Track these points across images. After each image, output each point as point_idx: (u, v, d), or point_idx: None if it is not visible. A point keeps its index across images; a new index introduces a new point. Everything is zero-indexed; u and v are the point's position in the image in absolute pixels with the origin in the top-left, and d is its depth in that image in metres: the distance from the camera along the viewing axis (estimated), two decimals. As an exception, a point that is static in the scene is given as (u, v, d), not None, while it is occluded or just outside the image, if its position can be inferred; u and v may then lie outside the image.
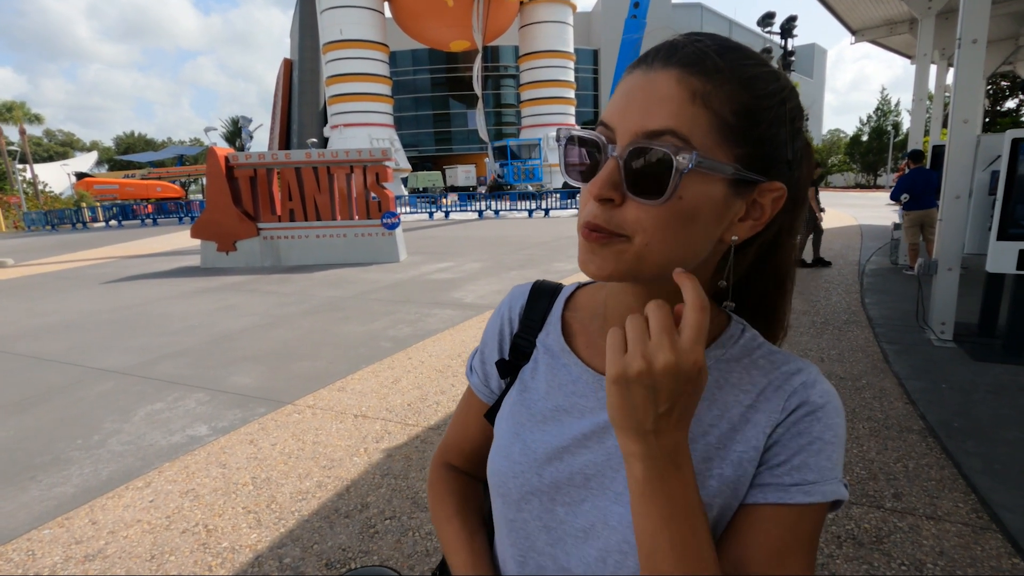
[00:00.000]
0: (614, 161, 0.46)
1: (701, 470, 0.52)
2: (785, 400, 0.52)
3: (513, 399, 0.64)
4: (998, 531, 2.24)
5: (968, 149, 4.55)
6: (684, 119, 0.44)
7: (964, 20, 4.30)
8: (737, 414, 0.53)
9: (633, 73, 0.48)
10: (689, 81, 0.45)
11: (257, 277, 9.47)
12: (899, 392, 3.69)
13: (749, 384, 0.54)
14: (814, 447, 0.50)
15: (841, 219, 16.12)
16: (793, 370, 0.54)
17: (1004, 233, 4.07)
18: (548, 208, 22.39)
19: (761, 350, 0.56)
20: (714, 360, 0.56)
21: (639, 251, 0.47)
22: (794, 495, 0.49)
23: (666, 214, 0.46)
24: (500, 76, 57.06)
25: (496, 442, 0.64)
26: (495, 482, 0.62)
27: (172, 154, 59.30)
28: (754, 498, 0.51)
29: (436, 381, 4.17)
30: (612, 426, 0.55)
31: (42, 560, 2.28)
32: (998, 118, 28.83)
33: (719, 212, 0.48)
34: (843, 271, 8.18)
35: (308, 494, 2.69)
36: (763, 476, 0.51)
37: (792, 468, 0.50)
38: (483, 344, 0.73)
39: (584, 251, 0.50)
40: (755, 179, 0.48)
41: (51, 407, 3.95)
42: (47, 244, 18.58)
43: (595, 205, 0.47)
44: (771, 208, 0.51)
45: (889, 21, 10.70)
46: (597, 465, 0.56)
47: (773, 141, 0.48)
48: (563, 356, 0.62)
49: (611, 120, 0.48)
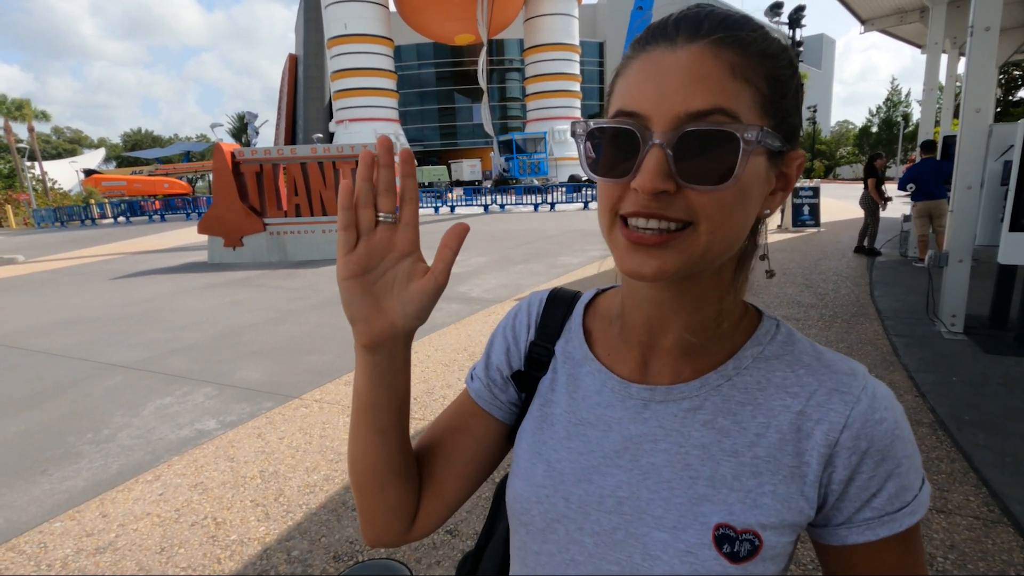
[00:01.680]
0: (659, 149, 0.42)
1: (752, 487, 0.47)
2: (848, 413, 0.47)
3: (533, 415, 0.59)
4: (1009, 524, 2.22)
5: (980, 139, 4.48)
6: (729, 95, 0.42)
7: (977, 7, 4.23)
8: (786, 422, 0.48)
9: (652, 52, 0.44)
10: (725, 55, 0.42)
11: (264, 272, 9.51)
12: (909, 385, 3.66)
13: (797, 386, 0.50)
14: (902, 468, 0.47)
15: (850, 211, 15.98)
16: (846, 371, 0.50)
17: (1017, 224, 4.02)
18: (554, 202, 22.33)
19: (802, 344, 0.52)
20: (752, 359, 0.52)
21: (706, 241, 0.44)
22: (903, 520, 0.47)
23: (728, 198, 0.43)
24: (505, 70, 56.84)
25: (515, 465, 0.58)
26: (517, 509, 0.56)
27: (179, 150, 59.57)
28: (863, 536, 0.48)
29: (442, 375, 4.18)
30: (645, 441, 0.52)
31: (54, 552, 2.31)
32: (1011, 108, 28.44)
33: (762, 188, 0.46)
34: (852, 263, 8.11)
35: (316, 487, 2.71)
36: (863, 512, 0.47)
37: (891, 497, 0.47)
38: (488, 351, 0.66)
39: (634, 254, 0.45)
40: (787, 148, 0.46)
41: (61, 402, 3.99)
42: (56, 241, 18.73)
43: (644, 200, 0.43)
44: (796, 175, 0.49)
45: (900, 9, 10.54)
46: (631, 486, 0.50)
47: (794, 110, 0.47)
48: (586, 364, 0.58)
49: (641, 107, 0.43)
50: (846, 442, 0.47)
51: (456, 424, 0.65)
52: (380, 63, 38.68)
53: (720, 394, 0.51)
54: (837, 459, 0.47)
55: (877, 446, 0.47)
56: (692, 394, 0.51)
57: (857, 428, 0.47)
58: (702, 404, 0.51)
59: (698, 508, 0.48)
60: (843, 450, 0.47)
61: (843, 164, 60.26)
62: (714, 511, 0.47)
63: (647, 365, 0.55)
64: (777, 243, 10.49)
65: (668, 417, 0.52)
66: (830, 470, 0.47)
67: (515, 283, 7.61)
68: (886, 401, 0.48)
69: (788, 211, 12.31)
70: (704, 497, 0.48)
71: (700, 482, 0.49)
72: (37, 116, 36.53)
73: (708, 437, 0.50)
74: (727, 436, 0.49)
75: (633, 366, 0.55)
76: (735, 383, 0.51)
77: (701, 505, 0.48)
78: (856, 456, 0.47)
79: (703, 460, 0.49)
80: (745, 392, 0.51)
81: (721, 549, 0.47)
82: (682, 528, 0.48)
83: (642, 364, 0.55)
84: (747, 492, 0.47)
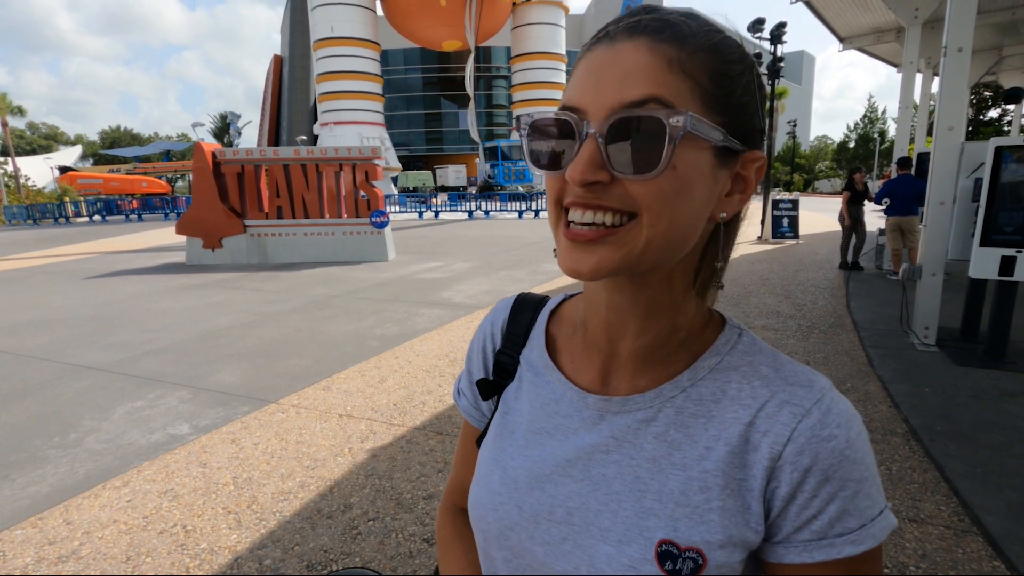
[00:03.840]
0: (592, 139, 0.42)
1: (699, 502, 0.46)
2: (795, 426, 0.45)
3: (496, 423, 0.59)
4: (979, 534, 2.26)
5: (952, 156, 4.61)
6: (665, 86, 0.41)
7: (950, 28, 4.36)
8: (735, 434, 0.47)
9: (594, 51, 0.44)
10: (662, 48, 0.42)
11: (243, 274, 9.36)
12: (883, 396, 3.72)
13: (750, 397, 0.48)
14: (847, 492, 0.44)
15: (827, 224, 16.30)
16: (803, 383, 0.47)
17: (987, 239, 4.12)
18: (539, 209, 22.40)
19: (762, 355, 0.51)
20: (708, 370, 0.50)
21: (647, 235, 0.43)
22: (843, 548, 0.44)
23: (664, 187, 0.42)
24: (492, 77, 57.09)
25: (477, 471, 0.58)
26: (474, 516, 0.57)
27: (158, 149, 58.60)
28: (799, 557, 0.45)
29: (423, 381, 4.14)
30: (597, 451, 0.51)
31: (13, 561, 2.22)
32: (981, 127, 29.37)
33: (709, 185, 0.45)
34: (830, 275, 8.26)
35: (290, 494, 2.65)
36: (802, 533, 0.45)
37: (832, 520, 0.44)
38: (468, 363, 0.67)
39: (572, 251, 0.44)
40: (739, 148, 0.45)
41: (28, 404, 3.86)
42: (28, 239, 18.24)
43: (579, 191, 0.43)
44: (755, 179, 0.48)
45: (877, 29, 10.85)
46: (582, 497, 0.50)
47: (747, 109, 0.45)
48: (547, 373, 0.57)
49: (579, 101, 0.43)
50: (788, 456, 0.45)
51: (468, 458, 0.68)
52: (366, 67, 38.52)
53: (674, 405, 0.50)
54: (780, 474, 0.45)
55: (821, 465, 0.44)
56: (646, 405, 0.51)
57: (802, 443, 0.45)
58: (655, 416, 0.50)
59: (644, 522, 0.47)
60: (786, 465, 0.45)
61: (821, 178, 61.53)
62: (659, 526, 0.46)
63: (608, 374, 0.54)
64: (756, 254, 10.64)
65: (622, 428, 0.51)
66: (773, 485, 0.46)
67: (498, 289, 7.60)
68: (840, 418, 0.45)
69: (768, 223, 12.52)
70: (650, 511, 0.47)
71: (648, 496, 0.48)
72: (12, 111, 35.61)
73: (659, 450, 0.49)
74: (677, 449, 0.48)
75: (594, 375, 0.55)
76: (689, 394, 0.50)
77: (647, 519, 0.47)
78: (798, 473, 0.44)
79: (652, 473, 0.48)
80: (699, 404, 0.49)
81: (663, 566, 0.45)
82: (627, 542, 0.47)
83: (603, 373, 0.54)
84: (694, 508, 0.46)
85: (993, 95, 28.76)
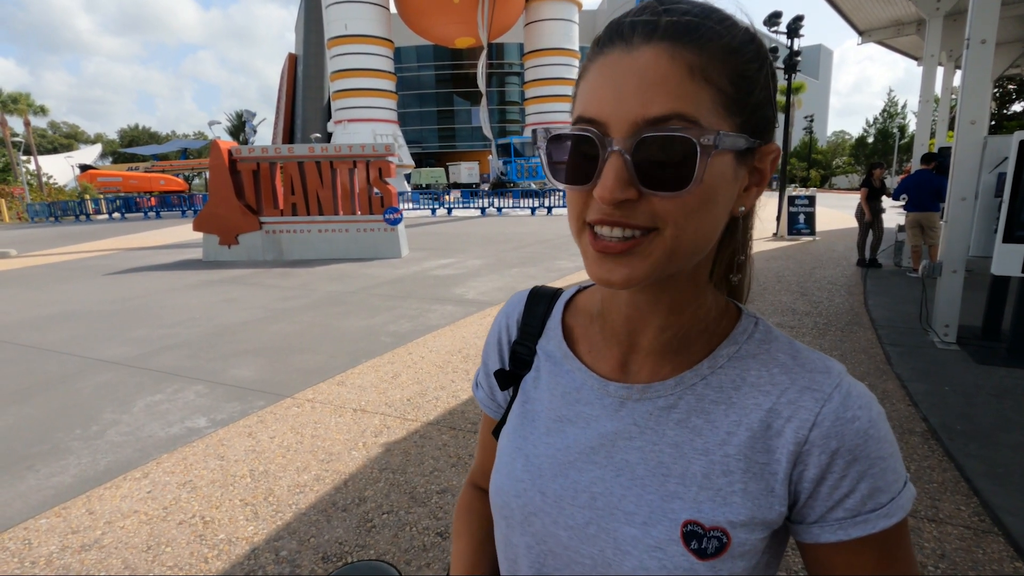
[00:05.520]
0: (618, 156, 0.41)
1: (722, 485, 0.48)
2: (819, 410, 0.47)
3: (516, 411, 0.61)
4: (1000, 534, 2.22)
5: (975, 151, 4.51)
6: (687, 99, 0.41)
7: (973, 20, 4.27)
8: (756, 419, 0.48)
9: (609, 55, 0.43)
10: (683, 55, 0.41)
11: (259, 271, 9.47)
12: (902, 394, 3.67)
13: (769, 384, 0.49)
14: (876, 469, 0.46)
15: (844, 220, 16.06)
16: (820, 369, 0.49)
17: (1010, 235, 4.04)
18: (551, 206, 22.35)
19: (779, 343, 0.52)
20: (727, 358, 0.52)
21: (671, 246, 0.43)
22: (877, 523, 0.46)
23: (692, 202, 0.42)
24: (505, 73, 56.96)
25: (498, 459, 0.60)
26: (497, 503, 0.58)
27: (176, 147, 59.34)
28: (836, 535, 0.47)
29: (436, 376, 4.16)
30: (620, 438, 0.52)
31: (38, 549, 2.28)
32: (1005, 121, 28.69)
33: (731, 187, 0.45)
34: (846, 272, 8.14)
35: (306, 487, 2.68)
36: (836, 511, 0.47)
37: (864, 498, 0.46)
38: (484, 356, 0.69)
39: (602, 262, 0.45)
40: (757, 144, 0.45)
41: (50, 397, 3.95)
42: (50, 235, 18.61)
43: (607, 209, 0.43)
44: (771, 170, 0.48)
45: (897, 22, 10.65)
46: (605, 482, 0.51)
47: (764, 104, 0.46)
48: (566, 362, 0.59)
49: (599, 113, 0.42)
50: (816, 440, 0.46)
51: (488, 444, 0.71)
52: (380, 64, 38.68)
53: (694, 393, 0.51)
54: (808, 457, 0.47)
55: (848, 445, 0.46)
56: (667, 392, 0.52)
57: (827, 426, 0.46)
58: (676, 403, 0.51)
59: (668, 505, 0.48)
60: (813, 448, 0.46)
61: (839, 174, 60.62)
62: (683, 508, 0.48)
63: (627, 363, 0.55)
64: (773, 251, 10.52)
65: (643, 415, 0.52)
66: (800, 468, 0.47)
67: (510, 286, 7.60)
68: (860, 400, 0.47)
69: (784, 219, 12.37)
70: (674, 494, 0.48)
71: (671, 480, 0.49)
72: (35, 110, 36.30)
73: (681, 435, 0.50)
74: (699, 435, 0.50)
75: (613, 364, 0.56)
76: (709, 382, 0.51)
77: (671, 502, 0.48)
78: (826, 455, 0.46)
79: (675, 458, 0.50)
80: (719, 391, 0.51)
81: (689, 546, 0.47)
82: (652, 524, 0.48)
83: (622, 362, 0.55)
84: (717, 490, 0.47)
85: (1017, 88, 28.10)
